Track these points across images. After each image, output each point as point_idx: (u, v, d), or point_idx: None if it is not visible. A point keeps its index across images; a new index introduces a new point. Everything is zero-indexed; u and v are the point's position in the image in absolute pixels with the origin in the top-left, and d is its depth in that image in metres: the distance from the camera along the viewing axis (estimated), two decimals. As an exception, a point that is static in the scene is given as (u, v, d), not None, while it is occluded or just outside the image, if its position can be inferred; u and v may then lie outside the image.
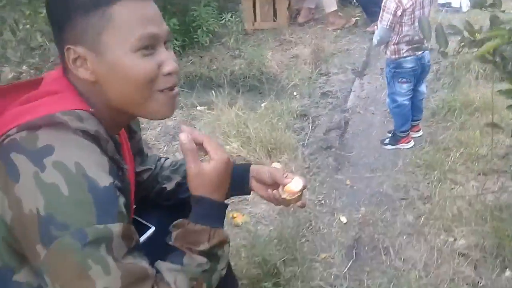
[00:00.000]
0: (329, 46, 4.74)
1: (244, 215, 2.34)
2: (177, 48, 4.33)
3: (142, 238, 1.21)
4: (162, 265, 0.88)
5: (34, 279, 0.83)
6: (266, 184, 1.22)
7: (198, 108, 3.61)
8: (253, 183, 1.25)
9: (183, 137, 0.93)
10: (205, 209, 0.93)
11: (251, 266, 1.93)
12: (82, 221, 0.76)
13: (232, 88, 4.01)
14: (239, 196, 2.36)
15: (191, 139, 0.94)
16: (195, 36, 4.53)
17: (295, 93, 3.86)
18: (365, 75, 4.15)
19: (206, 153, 0.96)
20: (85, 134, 0.83)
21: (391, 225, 2.18)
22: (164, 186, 1.28)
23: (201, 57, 4.56)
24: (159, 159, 1.33)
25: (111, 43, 0.86)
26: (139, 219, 1.27)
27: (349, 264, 1.99)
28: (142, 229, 1.24)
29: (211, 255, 0.90)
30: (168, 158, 1.35)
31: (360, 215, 2.29)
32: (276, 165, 1.32)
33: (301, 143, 2.97)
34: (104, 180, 0.80)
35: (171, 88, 0.91)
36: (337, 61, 4.42)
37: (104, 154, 0.86)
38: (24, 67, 3.39)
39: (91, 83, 0.89)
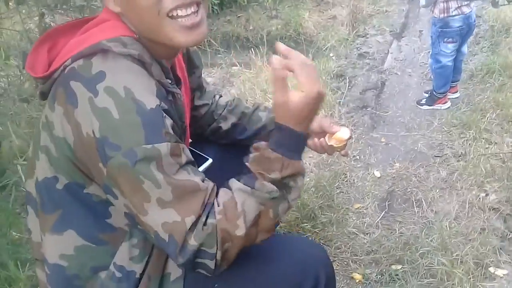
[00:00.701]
0: (367, 7, 4.70)
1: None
2: (215, 7, 4.39)
3: (202, 168, 1.29)
4: (235, 184, 0.92)
5: (101, 193, 0.93)
6: (314, 133, 1.24)
7: (236, 66, 3.70)
8: None
9: (276, 62, 0.89)
10: (285, 138, 0.91)
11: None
12: (132, 142, 0.82)
13: (269, 48, 4.07)
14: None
15: (284, 65, 0.89)
16: (233, -5, 4.55)
17: (331, 55, 3.89)
18: (403, 37, 4.13)
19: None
20: (131, 58, 0.89)
21: (425, 180, 2.25)
22: (220, 125, 1.35)
23: (238, 16, 4.61)
24: (215, 95, 1.37)
25: None
26: (196, 150, 1.33)
27: (382, 214, 2.09)
28: (200, 161, 1.29)
29: (282, 184, 0.90)
30: (222, 96, 1.38)
31: (394, 170, 2.37)
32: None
33: (338, 101, 3.03)
34: (151, 102, 0.85)
35: (183, 14, 0.88)
36: (375, 22, 4.39)
37: (151, 77, 0.90)
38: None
39: (121, 14, 0.94)
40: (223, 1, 4.58)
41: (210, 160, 1.35)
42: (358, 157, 2.53)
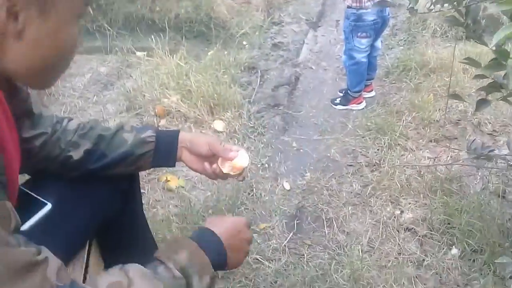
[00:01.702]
0: (284, -8, 4.44)
1: (179, 178, 2.12)
2: (116, -15, 3.88)
3: (37, 217, 1.01)
4: (133, 269, 0.78)
5: None
6: (202, 156, 1.09)
7: (137, 53, 3.27)
8: (185, 155, 1.10)
9: None
10: (205, 235, 0.89)
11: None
12: None
13: (176, 33, 3.68)
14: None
15: None
16: (136, -28, 4.06)
17: (244, 43, 3.58)
18: (319, 26, 3.92)
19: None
20: None
21: (336, 194, 2.03)
22: (69, 154, 1.03)
23: (143, -4, 4.13)
24: (59, 120, 1.06)
25: (63, 5, 0.70)
26: (33, 194, 1.04)
27: (289, 236, 1.84)
28: (37, 206, 1.03)
29: (186, 274, 0.81)
30: (72, 119, 1.09)
31: (304, 182, 2.13)
32: (217, 124, 1.24)
33: (248, 99, 2.73)
34: None
35: None
36: (291, 9, 4.14)
37: None
38: None
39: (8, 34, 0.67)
40: (125, -22, 4.07)
41: (49, 206, 1.03)
42: (267, 165, 2.25)
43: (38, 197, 1.05)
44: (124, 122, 1.13)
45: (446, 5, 1.07)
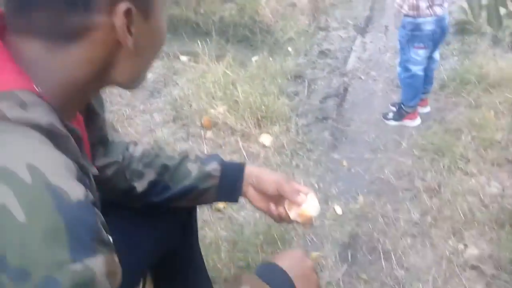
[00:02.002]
0: (330, -5, 4.31)
1: (226, 197, 2.05)
2: (161, -14, 3.84)
3: None
4: None
5: None
6: (267, 195, 1.01)
7: (182, 58, 3.22)
8: (250, 192, 1.03)
9: None
10: (268, 270, 0.83)
11: (233, 266, 1.67)
12: (49, 263, 0.49)
13: (220, 37, 3.61)
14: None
15: None
16: (181, -27, 4.02)
17: (290, 49, 3.49)
18: (367, 32, 3.77)
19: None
20: (35, 128, 0.54)
21: (393, 223, 1.92)
22: (133, 184, 0.98)
23: (188, -2, 4.09)
24: (128, 146, 1.01)
25: (158, 2, 0.64)
26: None
27: (344, 269, 1.74)
28: None
29: None
30: (137, 144, 1.03)
31: (358, 206, 2.02)
32: (265, 138, 1.20)
33: (295, 112, 2.64)
34: (76, 190, 0.52)
35: None
36: (338, 13, 4.01)
37: (65, 153, 0.57)
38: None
39: (110, 56, 0.61)
40: (170, -20, 4.03)
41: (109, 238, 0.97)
42: (316, 185, 2.15)
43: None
44: (188, 150, 1.07)
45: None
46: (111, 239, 0.58)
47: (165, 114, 2.63)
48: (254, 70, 2.93)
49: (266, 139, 2.42)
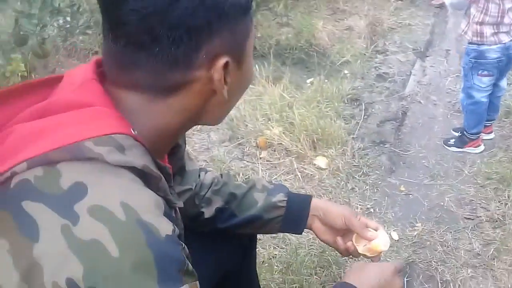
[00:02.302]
0: (388, 19, 4.28)
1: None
2: (221, 11, 3.98)
3: None
4: None
5: None
6: (335, 229, 1.04)
7: (239, 80, 3.30)
8: (316, 224, 1.07)
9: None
10: None
11: (285, 286, 1.67)
12: None
13: (277, 60, 3.67)
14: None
15: None
16: (241, -2, 4.13)
17: (346, 72, 3.48)
18: (427, 56, 3.70)
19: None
20: (131, 169, 0.58)
21: (453, 252, 1.85)
22: (202, 210, 1.03)
23: (246, 22, 4.20)
24: (199, 173, 1.06)
25: (249, 49, 0.67)
26: None
27: (400, 296, 1.69)
28: None
29: None
30: (207, 172, 1.08)
31: (415, 233, 1.96)
32: (320, 160, 1.27)
33: (351, 135, 2.62)
34: (165, 226, 0.56)
35: None
36: (397, 37, 3.96)
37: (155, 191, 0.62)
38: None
39: (203, 104, 0.66)
40: (230, 5, 4.16)
41: None
42: (372, 209, 2.12)
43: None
44: (256, 180, 1.09)
45: None
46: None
47: (221, 133, 2.69)
48: (310, 93, 2.95)
49: (321, 161, 2.41)
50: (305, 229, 1.09)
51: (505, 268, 1.74)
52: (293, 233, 1.11)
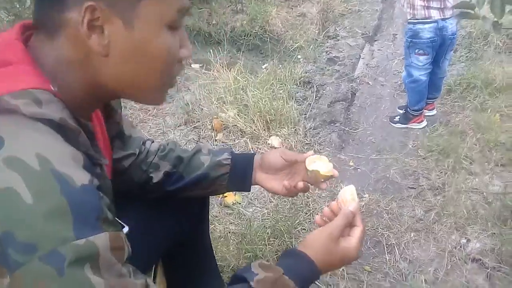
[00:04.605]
0: (339, 5, 4.41)
1: (236, 194, 2.12)
2: (174, -2, 3.97)
3: None
4: None
5: None
6: (277, 171, 1.06)
7: (193, 66, 3.33)
8: (259, 175, 1.08)
9: (355, 207, 0.90)
10: (305, 271, 0.85)
11: (241, 257, 1.73)
12: (54, 238, 0.55)
13: (232, 46, 3.72)
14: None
15: (355, 217, 0.90)
16: (194, -15, 4.15)
17: (299, 56, 3.57)
18: (375, 41, 3.85)
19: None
20: (48, 122, 0.61)
21: (397, 219, 1.96)
22: (150, 175, 1.06)
23: (200, 9, 4.21)
24: (144, 141, 1.09)
25: (148, 14, 0.65)
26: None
27: (348, 261, 1.79)
28: None
29: None
30: (154, 141, 1.11)
31: (363, 203, 2.07)
32: (273, 139, 1.21)
33: (303, 115, 2.71)
34: (81, 176, 0.59)
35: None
36: (347, 23, 4.09)
37: (75, 146, 0.64)
38: None
39: (84, 55, 0.66)
40: (183, -8, 4.16)
41: (126, 229, 1.03)
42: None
43: (117, 220, 1.07)
44: (202, 145, 1.12)
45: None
46: (125, 226, 0.64)
47: (177, 117, 2.72)
48: (264, 77, 3.01)
49: (275, 140, 2.49)
50: (252, 186, 1.11)
51: (445, 231, 1.88)
52: (241, 191, 1.12)
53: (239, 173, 1.09)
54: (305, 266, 0.85)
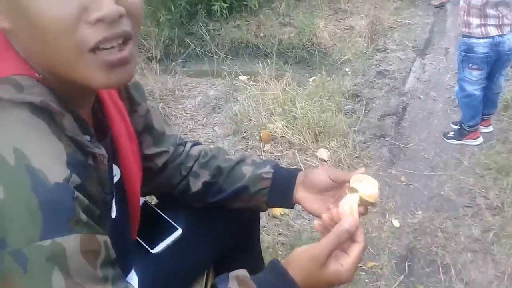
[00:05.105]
0: (388, 18, 4.35)
1: (283, 206, 2.11)
2: (224, 11, 4.05)
3: (168, 241, 1.03)
4: None
5: None
6: (321, 191, 0.95)
7: (241, 77, 3.36)
8: (301, 194, 0.98)
9: (353, 224, 0.78)
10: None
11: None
12: (20, 238, 0.55)
13: (279, 59, 3.73)
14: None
15: (352, 233, 0.78)
16: (244, -2, 4.21)
17: (347, 69, 3.54)
18: (427, 54, 3.76)
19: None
20: (30, 107, 0.59)
21: (453, 238, 1.89)
22: (189, 184, 1.02)
23: (248, 22, 4.27)
24: (183, 142, 1.03)
25: None
26: (165, 217, 1.07)
27: (400, 279, 1.74)
28: (168, 230, 1.05)
29: None
30: (196, 144, 1.05)
31: (416, 220, 2.01)
32: (322, 152, 1.10)
33: (352, 128, 2.67)
34: (56, 173, 0.57)
35: (106, 46, 0.58)
36: (397, 36, 4.03)
37: (61, 133, 0.61)
38: None
39: (12, 34, 0.61)
40: (233, 5, 4.24)
41: (179, 231, 1.05)
42: (373, 199, 2.16)
43: (170, 221, 1.08)
44: (246, 154, 1.08)
45: None
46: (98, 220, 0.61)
47: (226, 127, 2.75)
48: (312, 89, 3.00)
49: (323, 153, 2.46)
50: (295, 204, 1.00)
51: (504, 253, 1.79)
52: (283, 207, 1.04)
53: (280, 189, 1.00)
54: (282, 286, 0.77)
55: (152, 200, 1.17)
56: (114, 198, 0.79)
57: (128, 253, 0.93)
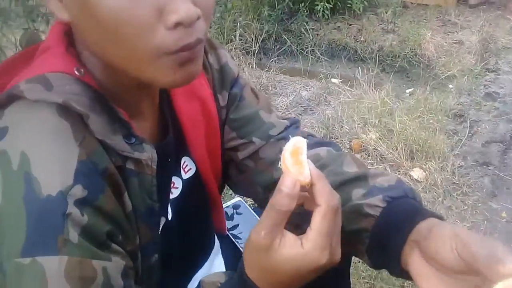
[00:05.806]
0: (503, 37, 4.00)
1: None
2: (326, 11, 3.95)
3: None
4: None
5: None
6: (447, 268, 0.54)
7: (334, 80, 3.26)
8: (414, 259, 0.59)
9: (289, 182, 0.53)
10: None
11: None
12: (4, 250, 0.51)
13: (377, 66, 3.57)
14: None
15: (301, 195, 0.54)
16: (348, 0, 4.08)
17: (451, 86, 3.30)
18: (544, 80, 3.41)
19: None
20: (57, 107, 0.56)
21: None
22: None
23: (350, 25, 4.14)
24: (285, 136, 0.80)
25: None
26: (230, 236, 1.03)
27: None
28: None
29: None
30: (318, 143, 0.81)
31: (517, 264, 1.81)
32: (417, 172, 0.78)
33: (453, 151, 2.48)
34: (53, 183, 0.52)
35: (184, 49, 0.54)
36: (511, 57, 3.69)
37: (85, 137, 0.56)
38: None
39: (73, 26, 0.60)
40: (336, 6, 4.13)
41: None
42: (469, 232, 1.98)
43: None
44: (373, 172, 0.72)
45: None
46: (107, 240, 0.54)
47: (316, 130, 2.67)
48: (413, 103, 2.84)
49: (418, 173, 2.31)
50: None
51: None
52: (386, 269, 0.66)
53: (382, 237, 0.64)
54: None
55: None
56: (168, 201, 0.74)
57: (205, 246, 0.88)
